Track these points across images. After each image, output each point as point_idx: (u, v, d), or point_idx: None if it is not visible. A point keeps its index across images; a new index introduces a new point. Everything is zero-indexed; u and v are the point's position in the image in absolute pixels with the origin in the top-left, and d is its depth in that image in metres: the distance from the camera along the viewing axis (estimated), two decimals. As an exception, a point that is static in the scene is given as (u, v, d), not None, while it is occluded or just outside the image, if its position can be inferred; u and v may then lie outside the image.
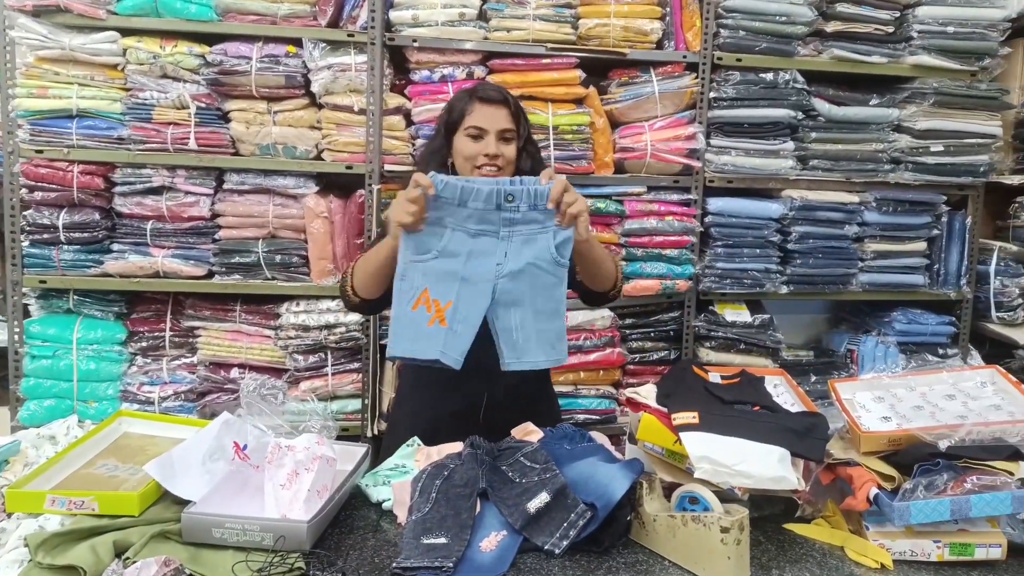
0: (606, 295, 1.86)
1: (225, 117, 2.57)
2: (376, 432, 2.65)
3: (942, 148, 2.74)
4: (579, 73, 2.59)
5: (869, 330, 2.94)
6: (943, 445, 1.37)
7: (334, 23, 2.55)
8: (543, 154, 2.53)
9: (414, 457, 1.64)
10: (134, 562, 1.22)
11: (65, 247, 2.58)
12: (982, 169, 2.79)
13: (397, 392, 1.98)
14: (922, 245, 2.88)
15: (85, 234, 2.57)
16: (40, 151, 2.52)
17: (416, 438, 1.74)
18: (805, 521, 1.48)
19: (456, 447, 1.58)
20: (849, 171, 2.76)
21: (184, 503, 1.38)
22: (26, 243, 2.59)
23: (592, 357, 2.68)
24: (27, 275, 2.58)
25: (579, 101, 2.64)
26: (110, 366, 2.64)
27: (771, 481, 1.32)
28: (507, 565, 1.29)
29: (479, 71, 2.58)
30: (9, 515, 1.39)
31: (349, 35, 2.51)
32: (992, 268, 2.87)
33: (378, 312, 2.24)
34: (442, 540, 1.31)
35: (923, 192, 2.81)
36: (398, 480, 1.54)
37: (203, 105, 2.54)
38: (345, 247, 2.64)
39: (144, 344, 2.67)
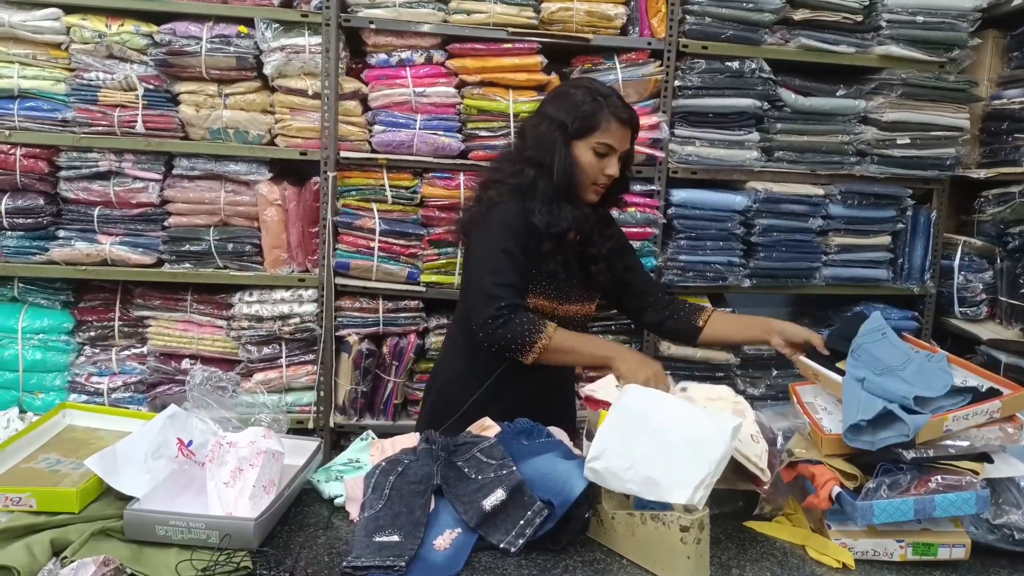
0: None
1: (174, 100, 2.50)
2: (333, 424, 2.61)
3: (908, 141, 2.74)
4: (541, 59, 2.55)
5: (832, 324, 2.94)
6: (908, 455, 1.35)
7: (287, 2, 2.49)
8: (503, 142, 2.51)
9: (368, 452, 1.61)
10: (71, 561, 1.20)
11: (8, 233, 2.52)
12: (948, 163, 2.80)
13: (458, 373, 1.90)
14: (886, 239, 2.89)
15: (29, 220, 2.51)
16: (-21, 133, 2.43)
17: (370, 432, 1.71)
18: (766, 519, 1.48)
19: (411, 441, 1.55)
20: (814, 163, 2.75)
21: (127, 499, 1.36)
22: (-34, 229, 2.51)
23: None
24: (-32, 262, 2.51)
25: (541, 88, 2.60)
26: (57, 356, 2.59)
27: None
28: (462, 564, 1.27)
29: (438, 55, 2.53)
30: (-58, 512, 1.35)
31: (303, 15, 2.45)
32: (956, 263, 2.89)
33: None
34: (395, 538, 1.29)
35: (888, 185, 2.81)
36: (351, 476, 1.52)
37: (151, 87, 2.47)
38: (300, 236, 2.59)
39: (92, 334, 2.62)
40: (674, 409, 1.37)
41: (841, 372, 1.52)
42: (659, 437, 1.31)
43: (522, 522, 1.32)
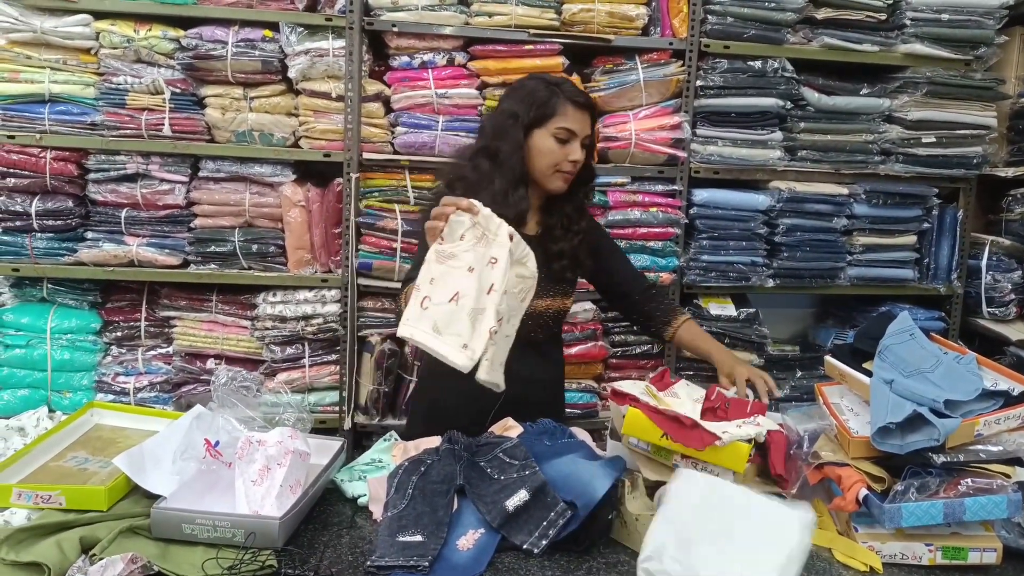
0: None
1: (200, 103, 2.53)
2: (353, 424, 2.62)
3: (934, 139, 2.71)
4: (562, 60, 2.55)
5: (857, 325, 2.91)
6: (938, 460, 1.34)
7: (312, 7, 2.50)
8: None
9: (391, 452, 1.62)
10: (100, 559, 1.21)
11: (38, 235, 2.55)
12: (975, 161, 2.76)
13: (418, 382, 1.92)
14: (912, 239, 2.85)
15: (58, 222, 2.54)
16: (11, 136, 2.47)
17: (393, 432, 1.71)
18: (792, 521, 1.45)
19: (434, 442, 1.56)
20: (838, 162, 2.73)
21: (154, 498, 1.37)
22: (-2, 230, 2.55)
23: (574, 350, 2.64)
24: (0, 263, 2.54)
25: (564, 88, 2.60)
26: (84, 356, 2.61)
27: None
28: (484, 565, 1.27)
29: (460, 57, 2.54)
30: (-26, 509, 1.37)
31: (327, 19, 2.46)
32: (984, 263, 2.84)
33: None
34: (418, 538, 1.29)
35: (914, 184, 2.78)
36: (374, 475, 1.52)
37: (178, 90, 2.49)
38: (323, 236, 2.60)
39: (119, 334, 2.65)
40: (740, 498, 1.23)
41: (868, 373, 1.50)
42: (724, 536, 1.17)
43: (545, 523, 1.31)
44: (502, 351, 1.43)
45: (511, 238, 1.42)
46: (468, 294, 1.37)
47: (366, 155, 2.55)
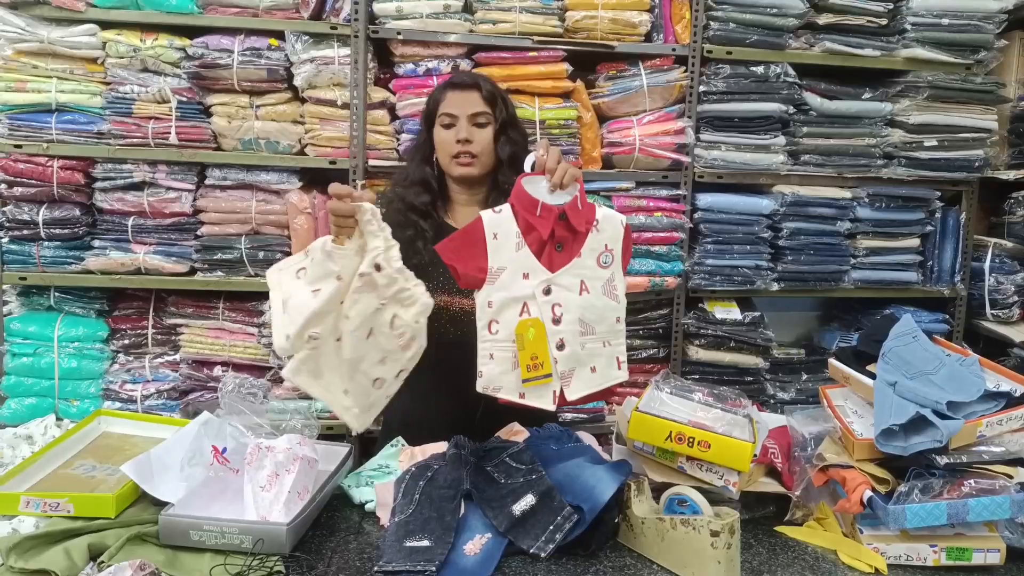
0: None
1: (207, 111, 2.54)
2: (361, 430, 2.61)
3: (936, 143, 2.72)
4: (566, 66, 2.56)
5: (860, 328, 2.91)
6: (941, 461, 1.34)
7: (317, 15, 2.52)
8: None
9: (398, 457, 1.62)
10: (108, 566, 1.22)
11: (45, 243, 2.56)
12: (977, 164, 2.77)
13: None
14: (915, 241, 2.86)
15: (66, 230, 2.55)
16: (19, 146, 2.49)
17: (400, 438, 1.71)
18: (797, 524, 1.47)
19: (440, 447, 1.56)
20: (841, 166, 2.73)
21: (162, 505, 1.38)
22: (5, 239, 2.56)
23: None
24: (7, 271, 2.56)
25: (566, 95, 2.61)
26: (92, 364, 2.62)
27: None
28: (492, 569, 1.27)
29: (464, 64, 2.55)
30: (-16, 516, 1.38)
31: (332, 27, 2.48)
32: (987, 265, 2.85)
33: None
34: (425, 543, 1.29)
35: (916, 188, 2.79)
36: (381, 481, 1.52)
37: (184, 99, 2.50)
38: (329, 244, 2.60)
39: (126, 342, 2.65)
40: None
41: (872, 375, 1.51)
42: None
43: (552, 527, 1.31)
44: (362, 393, 1.36)
45: (377, 268, 1.30)
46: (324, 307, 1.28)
47: (371, 162, 2.56)
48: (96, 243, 2.58)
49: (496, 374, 1.46)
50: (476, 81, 1.81)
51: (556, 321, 1.47)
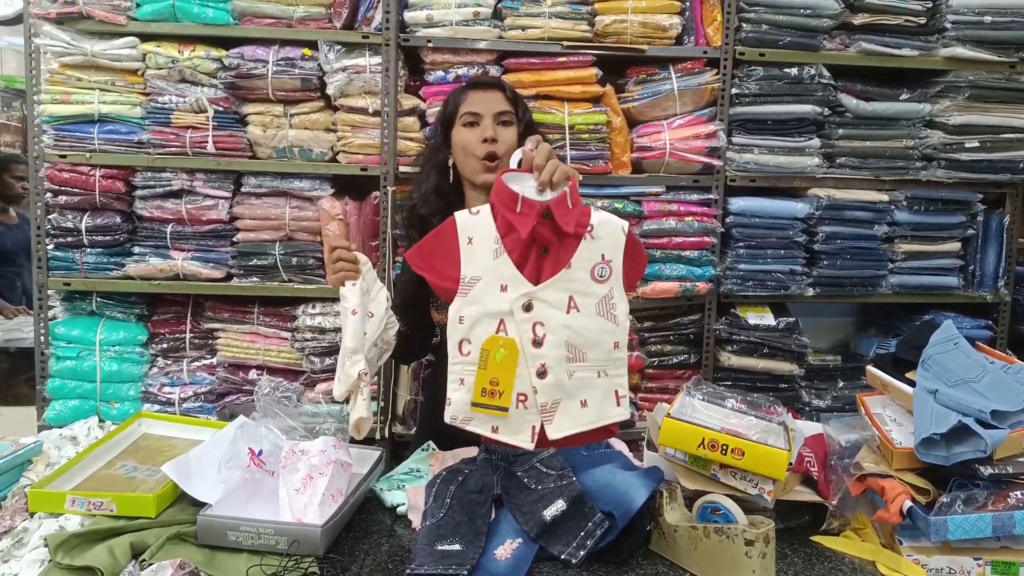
0: None
1: (242, 120, 2.58)
2: (391, 434, 2.64)
3: (978, 144, 2.65)
4: (596, 71, 2.55)
5: (899, 334, 2.85)
6: (985, 471, 1.31)
7: (349, 25, 2.54)
8: (560, 154, 2.51)
9: (428, 461, 1.63)
10: (150, 564, 1.24)
11: (88, 250, 2.61)
12: (1022, 165, 2.69)
13: (425, 400, 1.92)
14: (956, 245, 2.79)
15: (107, 237, 2.60)
16: (64, 156, 2.55)
17: (431, 442, 1.72)
18: (833, 534, 1.44)
19: (471, 452, 1.56)
20: (878, 169, 2.68)
21: (200, 505, 1.40)
22: (51, 246, 2.62)
23: (612, 360, 2.62)
24: (52, 278, 2.62)
25: (596, 100, 2.60)
26: (132, 367, 2.66)
27: None
28: (523, 573, 1.26)
29: (494, 71, 2.55)
30: (32, 515, 1.42)
31: (364, 37, 2.51)
32: (1031, 269, 2.78)
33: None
34: (456, 547, 1.29)
35: (957, 190, 2.73)
36: (412, 484, 1.53)
37: (221, 108, 2.55)
38: (360, 249, 2.62)
39: (165, 346, 2.70)
40: None
41: (911, 383, 1.48)
42: None
43: (583, 533, 1.30)
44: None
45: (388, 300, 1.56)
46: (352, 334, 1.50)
47: (402, 168, 2.57)
48: (136, 250, 2.63)
49: (467, 403, 1.36)
50: (499, 82, 1.82)
51: (537, 343, 1.31)
